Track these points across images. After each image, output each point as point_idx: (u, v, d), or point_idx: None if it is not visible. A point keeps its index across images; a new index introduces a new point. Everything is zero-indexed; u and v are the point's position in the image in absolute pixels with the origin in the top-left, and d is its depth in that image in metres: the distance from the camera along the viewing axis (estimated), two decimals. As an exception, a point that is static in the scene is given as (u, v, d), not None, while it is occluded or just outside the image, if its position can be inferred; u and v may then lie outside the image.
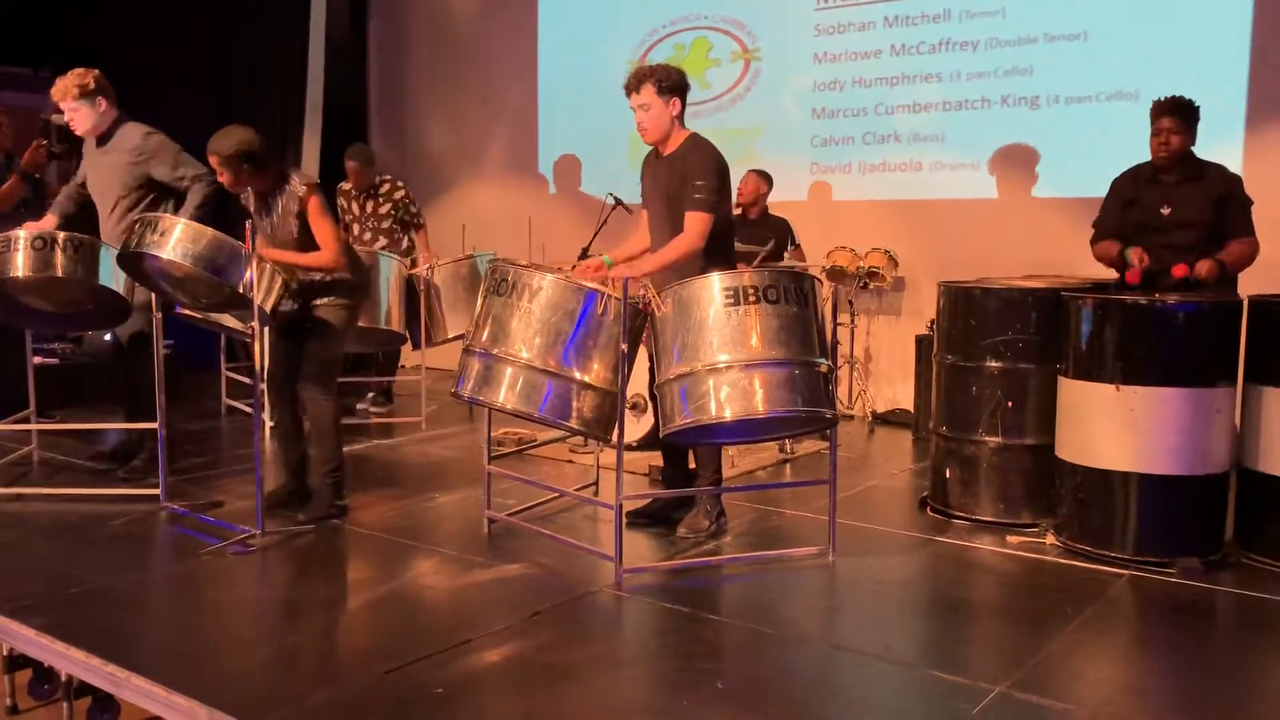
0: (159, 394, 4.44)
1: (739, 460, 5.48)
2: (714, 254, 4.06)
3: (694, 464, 4.36)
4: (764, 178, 6.58)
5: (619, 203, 6.01)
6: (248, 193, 4.33)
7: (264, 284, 4.03)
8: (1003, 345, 4.35)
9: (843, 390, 6.82)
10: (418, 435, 6.23)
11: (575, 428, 3.89)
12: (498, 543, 4.17)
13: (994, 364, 4.38)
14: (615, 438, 3.76)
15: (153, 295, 4.41)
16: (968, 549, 4.16)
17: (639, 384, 4.54)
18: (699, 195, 3.99)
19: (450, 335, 6.23)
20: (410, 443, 6.07)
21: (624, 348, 3.70)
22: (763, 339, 3.68)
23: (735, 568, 3.97)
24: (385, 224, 6.79)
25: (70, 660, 3.06)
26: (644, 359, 4.16)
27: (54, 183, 6.89)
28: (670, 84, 4.05)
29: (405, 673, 2.93)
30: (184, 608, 3.54)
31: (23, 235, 4.42)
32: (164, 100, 6.30)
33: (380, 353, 7.04)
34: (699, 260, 4.01)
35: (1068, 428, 4.09)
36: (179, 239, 3.97)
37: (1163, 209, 4.42)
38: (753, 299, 3.69)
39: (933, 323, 5.03)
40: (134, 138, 4.77)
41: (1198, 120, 4.39)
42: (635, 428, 5.26)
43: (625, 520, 3.90)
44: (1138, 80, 6.09)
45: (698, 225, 3.99)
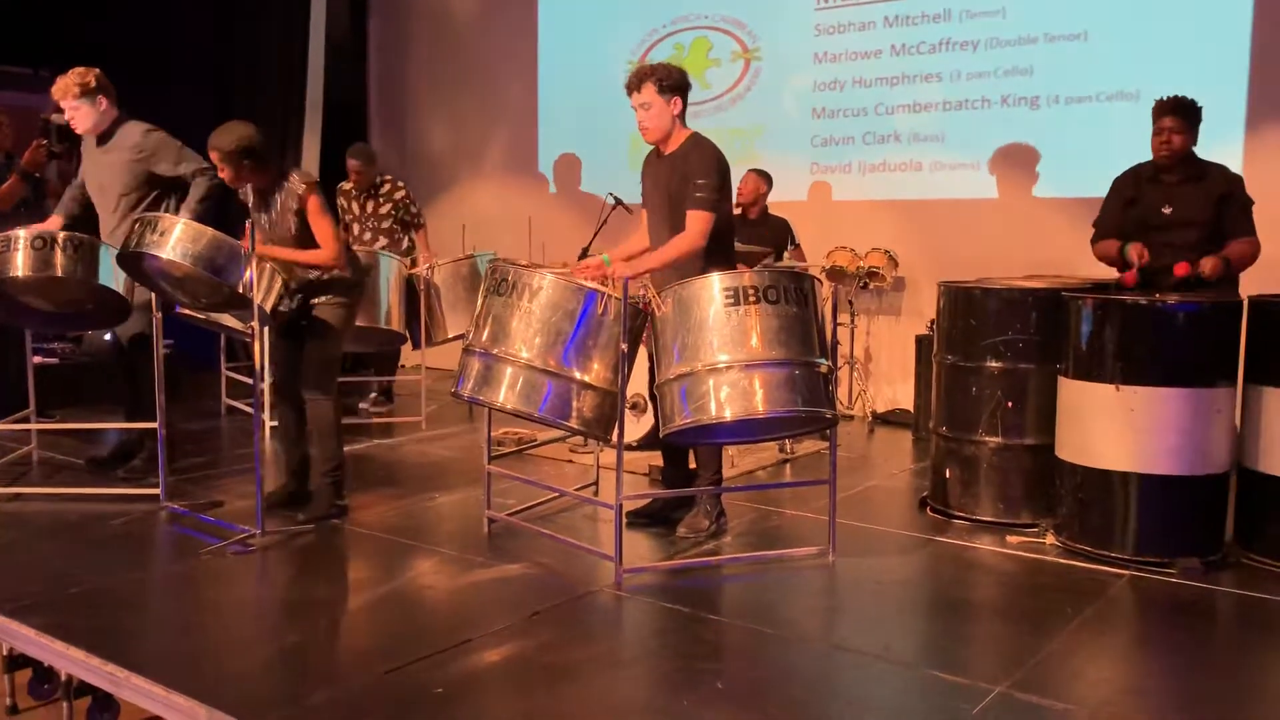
0: (159, 394, 4.44)
1: (739, 460, 5.48)
2: (714, 254, 4.05)
3: (694, 464, 4.36)
4: (764, 177, 6.58)
5: (619, 202, 6.01)
6: (246, 190, 4.33)
7: (264, 284, 4.03)
8: (1003, 345, 4.35)
9: (843, 390, 6.82)
10: (418, 435, 6.23)
11: (575, 427, 3.89)
12: (498, 542, 4.17)
13: (994, 364, 4.38)
14: (615, 438, 3.76)
15: (153, 295, 4.41)
16: (968, 549, 4.16)
17: (639, 384, 4.54)
18: (700, 194, 3.98)
19: (450, 335, 6.23)
20: (410, 442, 6.07)
21: (624, 348, 3.70)
22: (763, 339, 3.68)
23: (735, 568, 3.97)
24: (385, 224, 6.79)
25: (70, 660, 3.06)
26: (644, 359, 4.16)
27: (54, 181, 6.88)
28: (671, 83, 4.05)
29: (405, 672, 2.93)
30: (184, 607, 3.54)
31: (23, 235, 4.42)
32: (164, 99, 6.30)
33: (378, 352, 7.04)
34: (699, 260, 4.01)
35: (1068, 428, 4.09)
36: (178, 238, 3.96)
37: (1164, 208, 4.43)
38: (753, 299, 3.69)
39: (933, 323, 5.03)
40: (135, 135, 4.78)
41: (1200, 120, 4.40)
42: (635, 428, 5.26)
43: (625, 520, 3.90)
44: (1138, 80, 6.09)
45: (699, 224, 3.98)
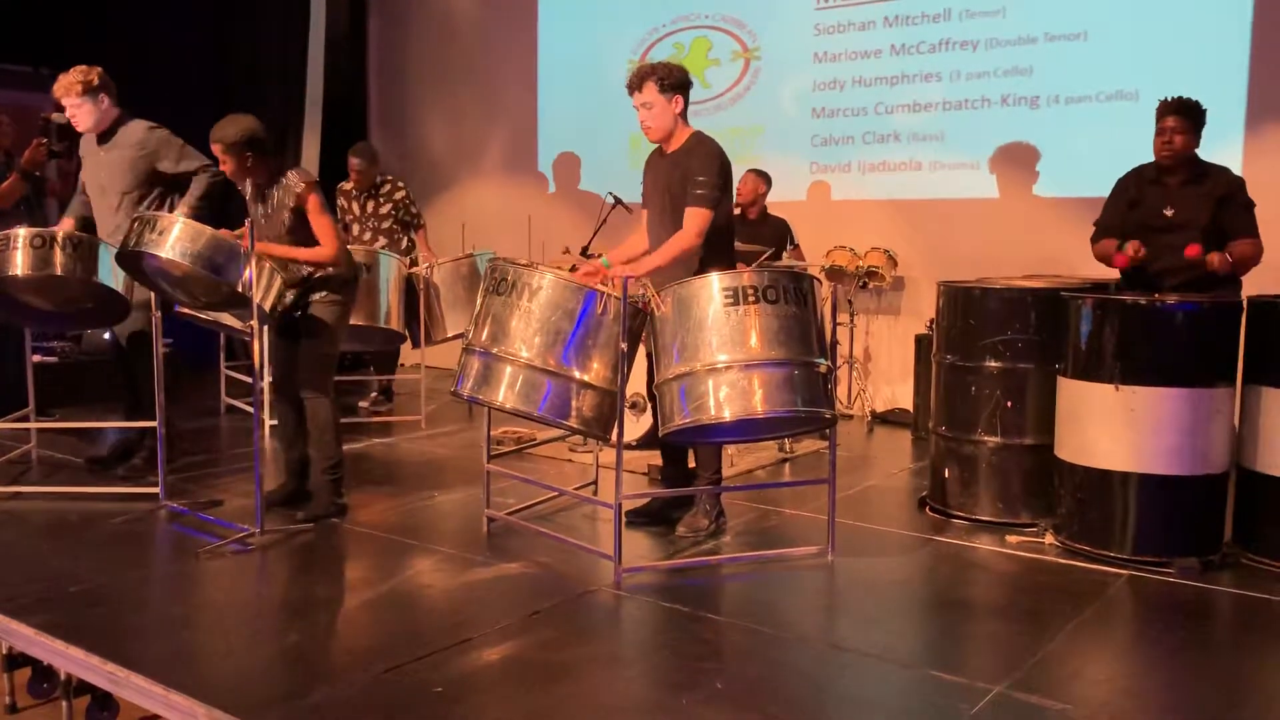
0: (158, 392, 4.44)
1: (738, 459, 5.48)
2: (714, 253, 4.05)
3: (693, 463, 4.36)
4: (763, 178, 6.58)
5: (619, 201, 6.01)
6: (245, 185, 4.33)
7: (263, 282, 4.03)
8: (1002, 345, 4.35)
9: (842, 390, 6.82)
10: (417, 434, 6.23)
11: (574, 427, 3.89)
12: (497, 541, 4.17)
13: (993, 364, 4.38)
14: (614, 437, 3.76)
15: (152, 294, 4.41)
16: (967, 549, 4.16)
17: (638, 383, 4.54)
18: (700, 191, 3.98)
19: (450, 334, 6.23)
20: (410, 441, 6.07)
21: (623, 347, 3.70)
22: (762, 339, 3.68)
23: (734, 567, 3.97)
24: (385, 224, 6.79)
25: (69, 659, 3.06)
26: (644, 358, 4.16)
27: (54, 180, 6.89)
28: (672, 82, 4.05)
29: (404, 671, 2.93)
30: (183, 606, 3.53)
31: (22, 233, 4.42)
32: (164, 99, 6.30)
33: (378, 351, 7.05)
34: (698, 258, 4.01)
35: (1067, 428, 4.09)
36: (177, 237, 3.96)
37: (1165, 210, 4.41)
38: (752, 299, 3.69)
39: (932, 322, 5.03)
40: (138, 132, 4.80)
41: (1203, 122, 4.38)
42: (634, 427, 5.26)
43: (624, 519, 3.90)
44: (1138, 80, 6.09)
45: (696, 221, 3.98)
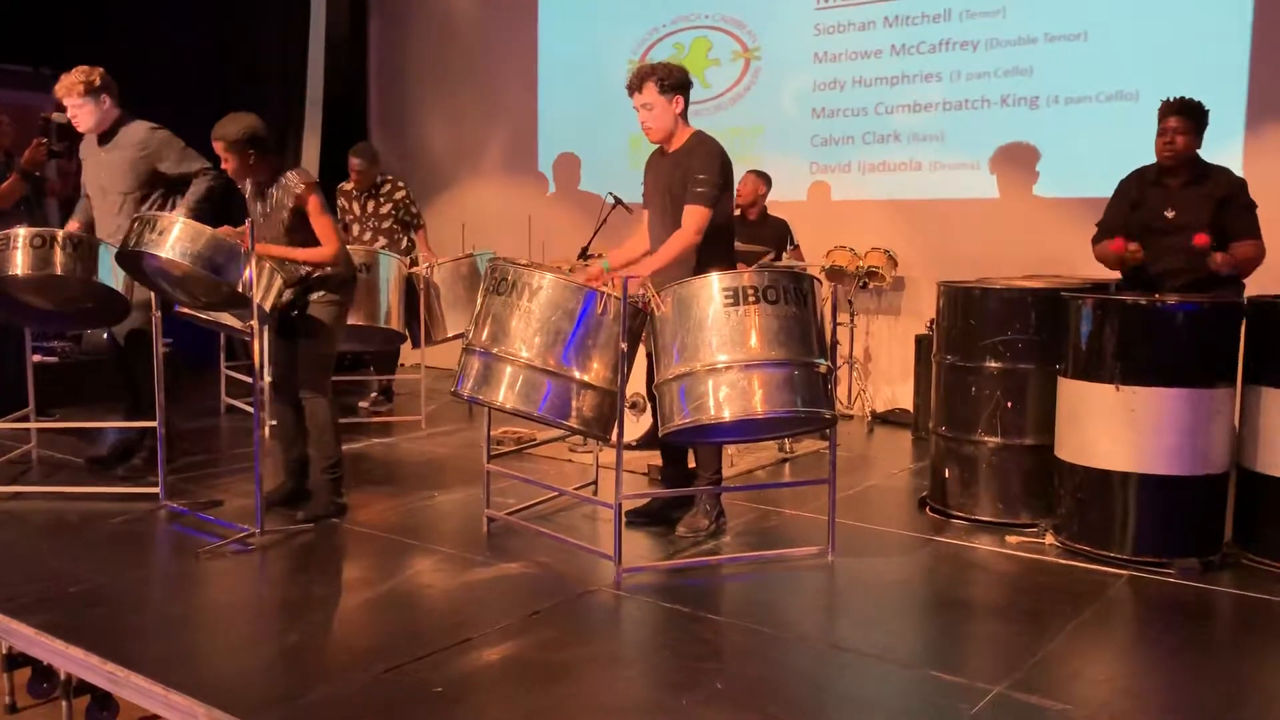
0: (159, 392, 4.44)
1: (738, 460, 5.48)
2: (714, 253, 4.05)
3: (693, 463, 4.36)
4: (763, 178, 6.57)
5: (619, 201, 6.01)
6: (245, 184, 4.33)
7: (263, 282, 4.03)
8: (1002, 345, 4.35)
9: (842, 390, 6.82)
10: (417, 434, 6.23)
11: (575, 427, 3.89)
12: (497, 541, 4.17)
13: (993, 364, 4.38)
14: (615, 437, 3.76)
15: (152, 294, 4.41)
16: (967, 549, 4.16)
17: (638, 383, 4.54)
18: (700, 189, 3.98)
19: (450, 334, 6.23)
20: (409, 441, 6.07)
21: (623, 347, 3.70)
22: (762, 339, 3.68)
23: (734, 567, 3.97)
24: (386, 224, 6.79)
25: (69, 658, 3.06)
26: (644, 358, 4.15)
27: (54, 180, 6.89)
28: (672, 82, 4.05)
29: (404, 671, 2.93)
30: (183, 606, 3.53)
31: (22, 233, 4.42)
32: (164, 99, 6.30)
33: (378, 351, 7.05)
34: (694, 256, 4.00)
35: (1067, 428, 4.09)
36: (177, 237, 3.96)
37: (1166, 212, 4.39)
38: (752, 299, 3.68)
39: (932, 322, 5.03)
40: (140, 133, 4.81)
41: (1205, 123, 4.36)
42: (634, 427, 5.26)
43: (624, 519, 3.90)
44: (1138, 80, 6.09)
45: (695, 219, 3.97)
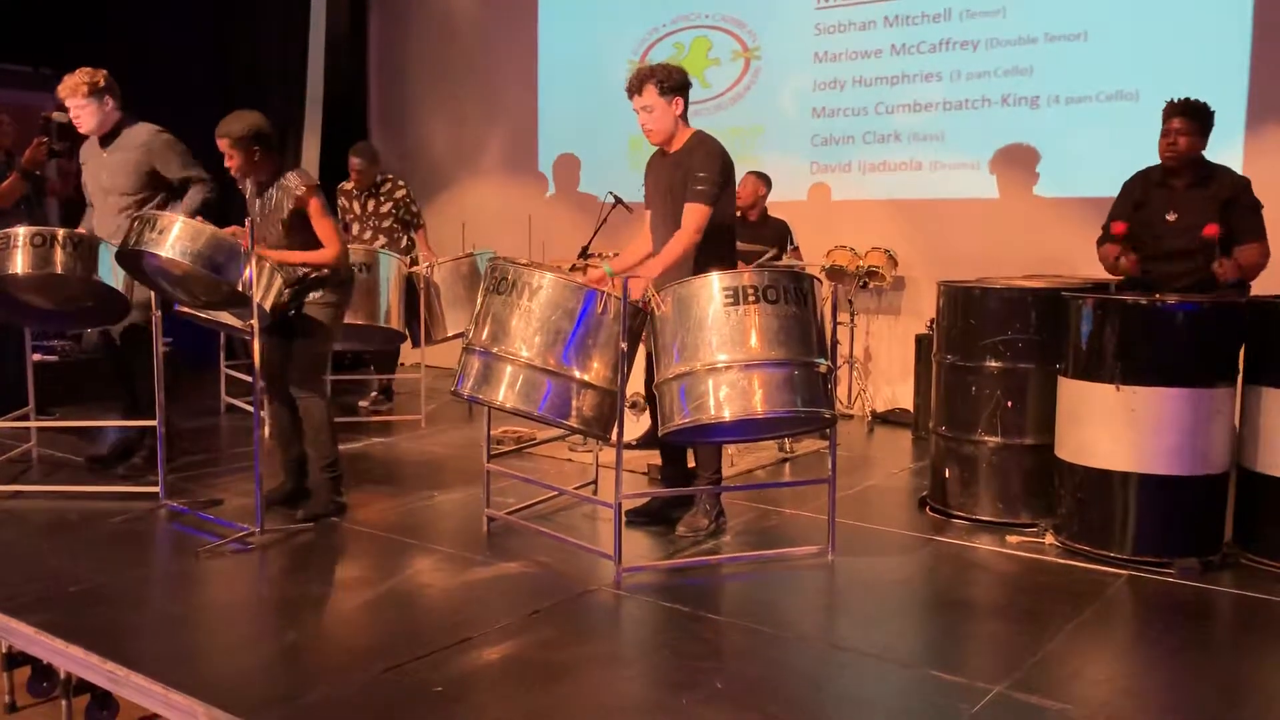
0: (158, 391, 4.44)
1: (738, 459, 5.48)
2: (715, 253, 4.05)
3: (693, 463, 4.36)
4: (762, 179, 6.57)
5: (619, 201, 6.01)
6: (246, 184, 4.33)
7: (263, 282, 4.03)
8: (1002, 345, 4.35)
9: (842, 389, 6.82)
10: (417, 433, 6.23)
11: (575, 426, 3.89)
12: (497, 541, 4.17)
13: (994, 364, 4.38)
14: (615, 436, 3.76)
15: (152, 293, 4.41)
16: (967, 549, 4.16)
17: (638, 383, 4.54)
18: (700, 187, 3.98)
19: (450, 333, 6.23)
20: (409, 440, 6.07)
21: (623, 346, 3.70)
22: (762, 339, 3.68)
23: (734, 567, 3.97)
24: (386, 223, 6.79)
25: (69, 658, 3.06)
26: (644, 358, 4.15)
27: (54, 180, 6.89)
28: (672, 84, 4.05)
29: (404, 671, 2.93)
30: (183, 605, 3.53)
31: (22, 232, 4.42)
32: (164, 99, 6.30)
33: (378, 351, 7.05)
34: (693, 257, 3.99)
35: (1067, 428, 4.09)
36: (177, 236, 3.96)
37: (1168, 215, 4.37)
38: (752, 299, 3.68)
39: (932, 322, 5.03)
40: (143, 134, 4.83)
41: (1210, 124, 4.34)
42: (634, 426, 5.26)
43: (624, 519, 3.90)
44: (1138, 80, 6.09)
45: (695, 218, 3.97)
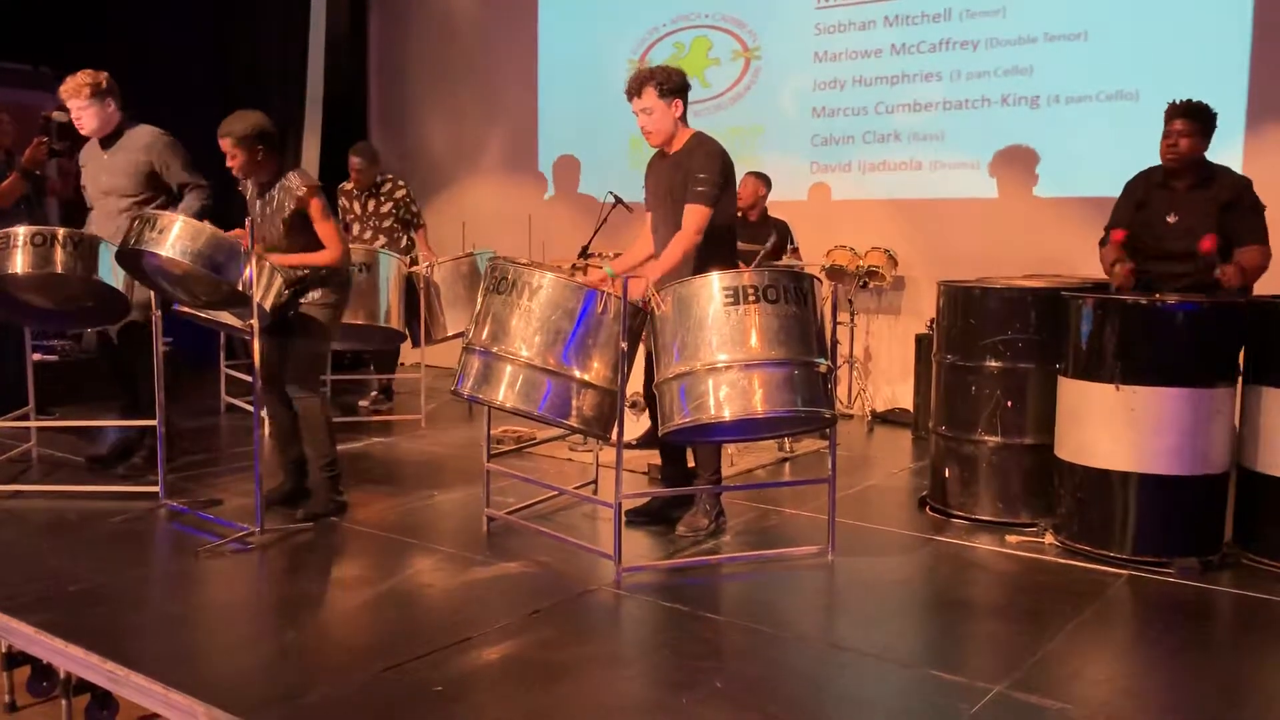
0: (158, 391, 4.44)
1: (738, 459, 5.48)
2: (715, 253, 4.04)
3: (693, 463, 4.36)
4: (763, 180, 6.57)
5: (619, 201, 6.01)
6: (247, 184, 4.33)
7: (263, 281, 4.02)
8: (1002, 345, 4.35)
9: (842, 389, 6.82)
10: (417, 433, 6.23)
11: (575, 426, 3.89)
12: (497, 541, 4.17)
13: (994, 363, 4.38)
14: (615, 436, 3.76)
15: (152, 293, 4.41)
16: (967, 548, 4.16)
17: (638, 383, 4.53)
18: (700, 188, 3.98)
19: (450, 333, 6.23)
20: (409, 440, 6.07)
21: (623, 346, 3.70)
22: (762, 339, 3.68)
23: (734, 566, 3.97)
24: (386, 223, 6.79)
25: (69, 657, 3.06)
26: (644, 357, 4.15)
27: (54, 179, 6.88)
28: (671, 86, 4.05)
29: (404, 670, 2.93)
30: (183, 605, 3.53)
31: (22, 231, 4.42)
32: (164, 99, 6.30)
33: (378, 351, 7.05)
34: (697, 255, 3.99)
35: (1067, 427, 4.09)
36: (178, 236, 3.96)
37: (1169, 217, 4.36)
38: (752, 299, 3.68)
39: (932, 322, 5.03)
40: (144, 136, 4.83)
41: (1213, 126, 4.32)
42: (634, 426, 5.26)
43: (624, 519, 3.90)
44: (1138, 80, 6.10)
45: (695, 218, 3.97)
